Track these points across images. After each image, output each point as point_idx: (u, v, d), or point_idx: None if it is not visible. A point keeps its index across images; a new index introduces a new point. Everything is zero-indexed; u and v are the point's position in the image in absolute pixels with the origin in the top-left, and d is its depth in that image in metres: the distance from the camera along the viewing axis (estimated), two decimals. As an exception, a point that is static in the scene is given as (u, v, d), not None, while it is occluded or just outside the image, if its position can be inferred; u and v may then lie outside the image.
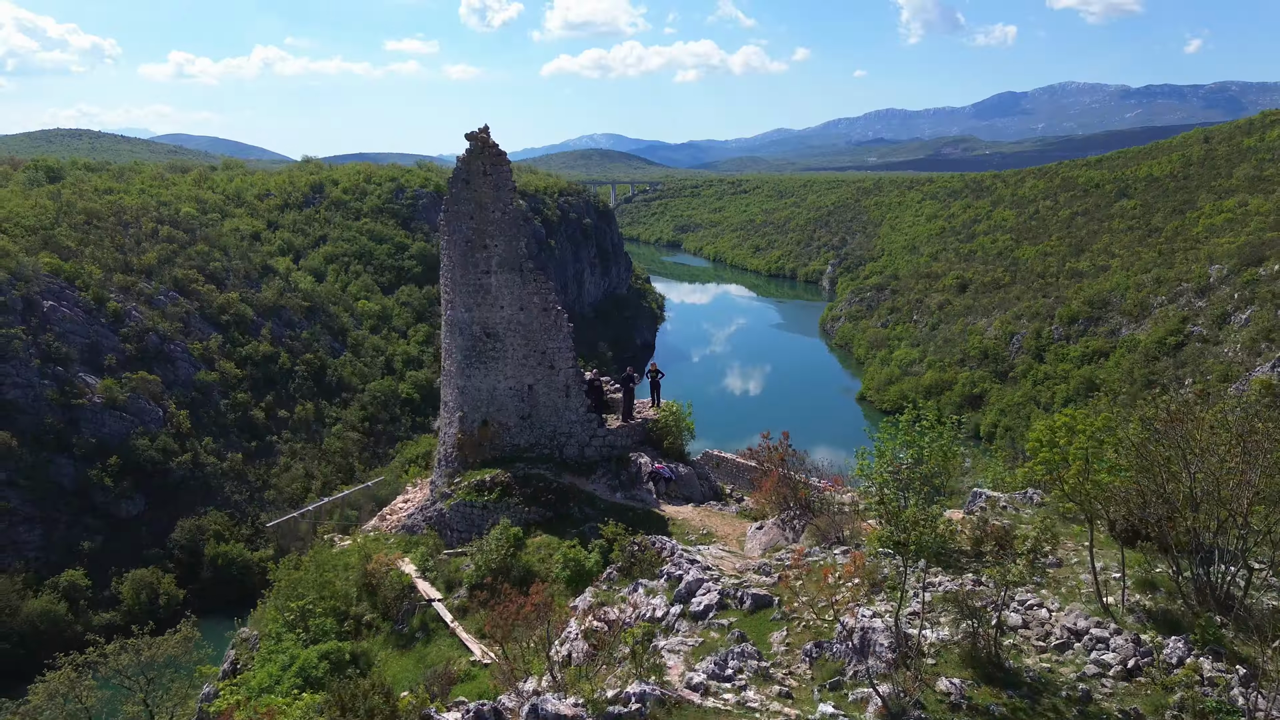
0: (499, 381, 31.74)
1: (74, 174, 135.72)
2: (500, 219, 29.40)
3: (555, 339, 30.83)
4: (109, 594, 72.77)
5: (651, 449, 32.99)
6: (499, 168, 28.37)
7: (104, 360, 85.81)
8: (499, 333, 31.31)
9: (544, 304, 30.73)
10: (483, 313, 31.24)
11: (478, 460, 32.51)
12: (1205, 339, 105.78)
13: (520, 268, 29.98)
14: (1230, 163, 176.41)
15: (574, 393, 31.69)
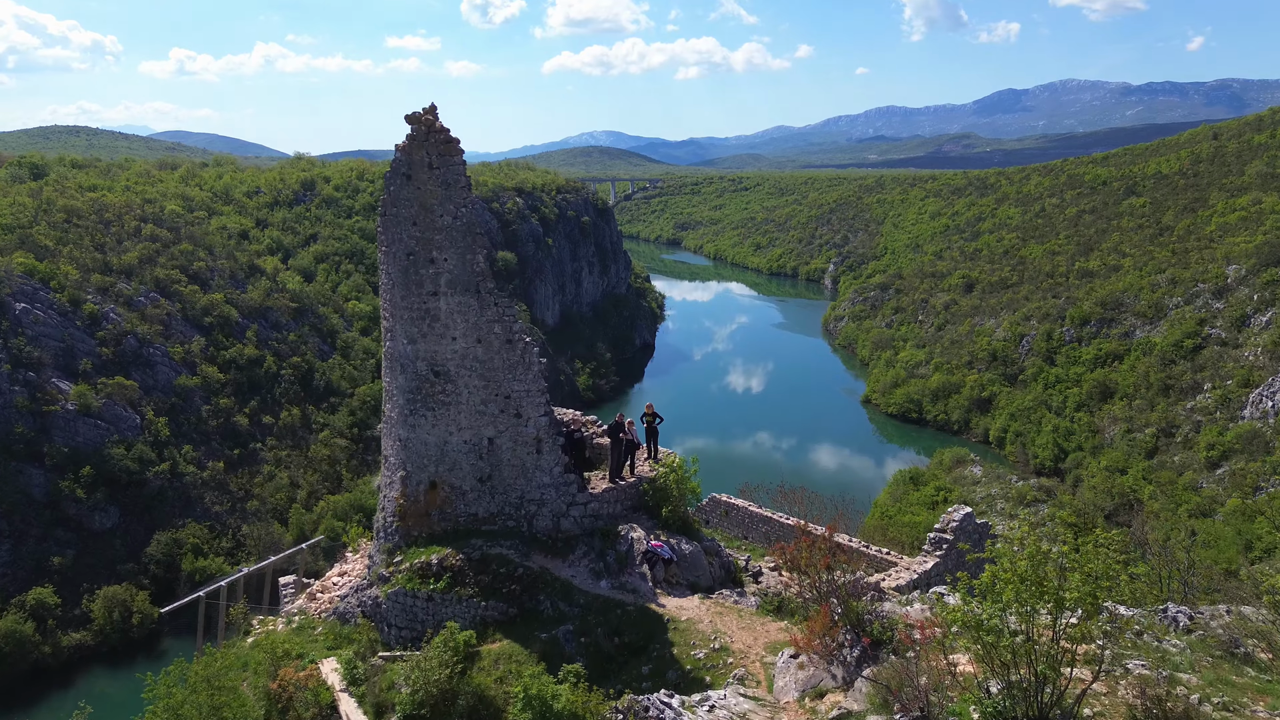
0: (450, 433, 24.92)
1: (58, 170, 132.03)
2: (451, 225, 23.08)
3: (522, 379, 24.31)
4: (79, 612, 69.18)
5: (647, 518, 26.21)
6: (449, 159, 22.34)
7: (79, 365, 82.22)
8: (450, 371, 24.62)
9: (507, 334, 24.18)
10: (429, 345, 24.50)
11: (424, 533, 25.92)
12: (1224, 342, 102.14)
13: (477, 288, 23.61)
14: (1241, 160, 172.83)
15: (547, 447, 24.96)
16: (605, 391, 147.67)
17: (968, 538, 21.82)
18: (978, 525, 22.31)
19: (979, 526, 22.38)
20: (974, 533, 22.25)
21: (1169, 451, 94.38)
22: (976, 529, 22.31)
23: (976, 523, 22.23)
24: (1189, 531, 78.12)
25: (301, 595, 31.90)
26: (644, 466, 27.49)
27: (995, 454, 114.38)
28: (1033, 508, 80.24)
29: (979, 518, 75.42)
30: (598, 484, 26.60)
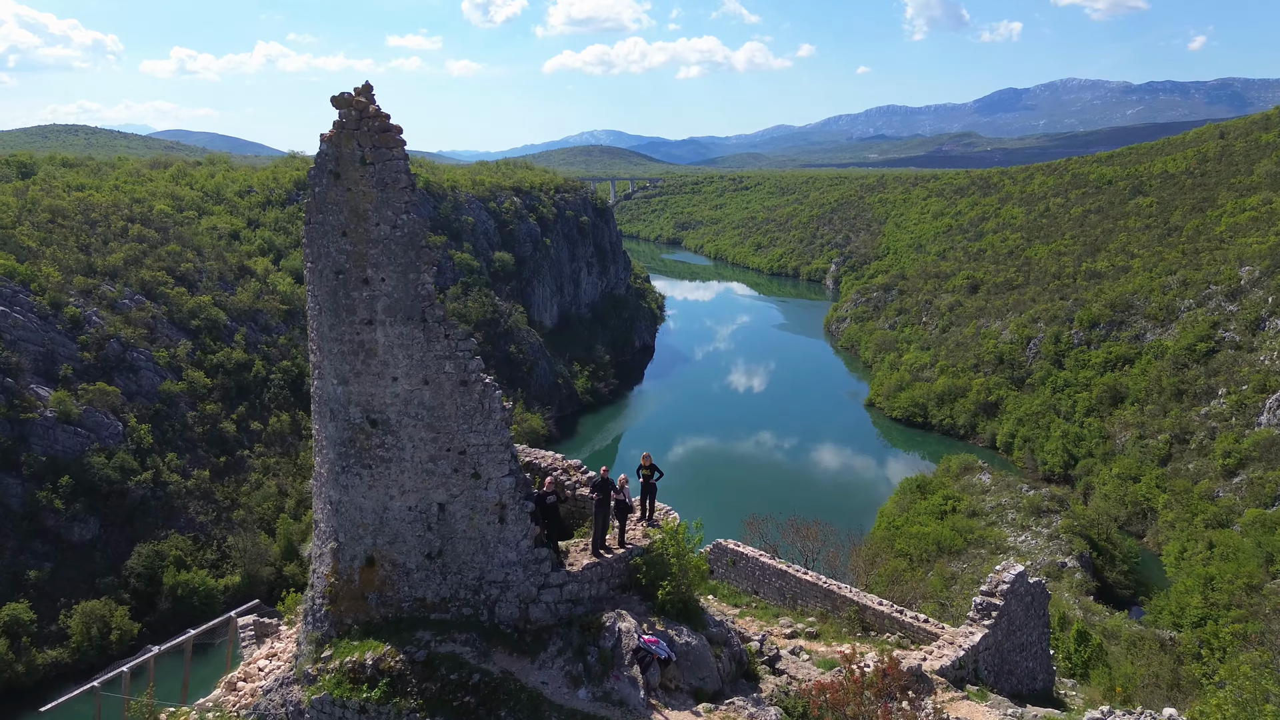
0: (391, 497, 20.04)
1: (47, 170, 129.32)
2: (389, 237, 18.45)
3: (481, 429, 19.53)
4: (56, 629, 66.50)
5: (639, 600, 21.30)
6: (386, 152, 17.95)
7: (59, 370, 79.51)
8: (390, 420, 19.70)
9: (461, 373, 19.35)
10: (364, 386, 19.59)
11: (359, 620, 20.81)
12: (1239, 345, 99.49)
13: (422, 315, 19.04)
14: (1249, 159, 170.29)
15: (512, 515, 20.04)
16: (604, 395, 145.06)
17: (1020, 601, 18.92)
18: (1031, 585, 19.31)
19: (1033, 587, 19.36)
20: (1026, 594, 19.28)
21: (1183, 459, 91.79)
22: (1030, 590, 19.32)
23: (1029, 582, 19.30)
24: (1207, 544, 75.69)
25: (219, 685, 25.81)
26: (637, 530, 22.67)
27: (1003, 460, 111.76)
28: (1045, 518, 77.66)
29: (989, 525, 71.88)
30: (577, 558, 21.46)
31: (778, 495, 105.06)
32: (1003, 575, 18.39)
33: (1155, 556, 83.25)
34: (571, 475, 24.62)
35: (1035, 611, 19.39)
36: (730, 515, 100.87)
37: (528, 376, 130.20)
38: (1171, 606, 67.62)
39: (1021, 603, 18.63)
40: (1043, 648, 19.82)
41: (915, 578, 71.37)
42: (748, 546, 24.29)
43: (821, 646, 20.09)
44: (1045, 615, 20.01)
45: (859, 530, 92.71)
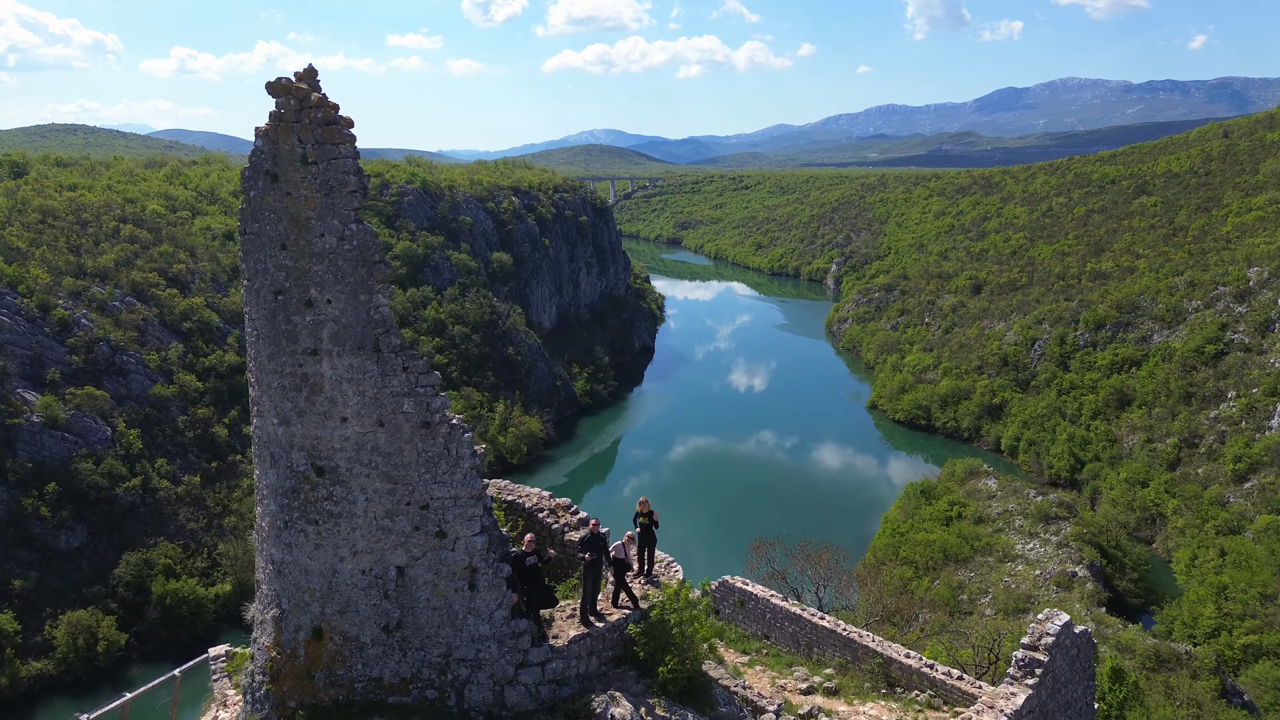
0: (342, 558, 17.05)
1: (39, 169, 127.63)
2: (336, 250, 15.59)
3: (447, 480, 16.57)
4: (41, 640, 64.92)
5: (636, 677, 18.36)
6: (332, 149, 15.16)
7: (46, 374, 77.91)
8: (339, 467, 16.63)
9: (423, 413, 16.32)
10: (308, 428, 16.57)
11: (304, 702, 17.71)
12: (1248, 348, 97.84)
13: (376, 344, 16.04)
14: (1254, 158, 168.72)
15: (485, 581, 17.16)
16: (604, 397, 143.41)
17: (1065, 654, 17.11)
18: (1077, 636, 17.47)
19: (1079, 638, 17.52)
20: (1072, 646, 17.45)
21: (1192, 463, 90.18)
22: (1075, 641, 17.49)
23: (1075, 633, 17.50)
24: (1219, 551, 74.14)
25: None
26: (634, 588, 19.60)
27: (1007, 463, 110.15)
28: (1053, 525, 76.03)
29: (995, 532, 70.28)
30: (563, 628, 18.24)
31: (780, 500, 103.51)
32: (1046, 627, 16.64)
33: (1165, 563, 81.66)
34: (560, 517, 21.70)
35: (1081, 665, 17.65)
36: (731, 519, 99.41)
37: (526, 378, 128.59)
38: (1184, 616, 66.04)
39: (1067, 656, 16.84)
40: (1087, 703, 18.11)
41: (921, 586, 69.83)
42: (757, 585, 22.04)
43: (842, 706, 18.06)
44: (1091, 668, 18.33)
45: (863, 536, 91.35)
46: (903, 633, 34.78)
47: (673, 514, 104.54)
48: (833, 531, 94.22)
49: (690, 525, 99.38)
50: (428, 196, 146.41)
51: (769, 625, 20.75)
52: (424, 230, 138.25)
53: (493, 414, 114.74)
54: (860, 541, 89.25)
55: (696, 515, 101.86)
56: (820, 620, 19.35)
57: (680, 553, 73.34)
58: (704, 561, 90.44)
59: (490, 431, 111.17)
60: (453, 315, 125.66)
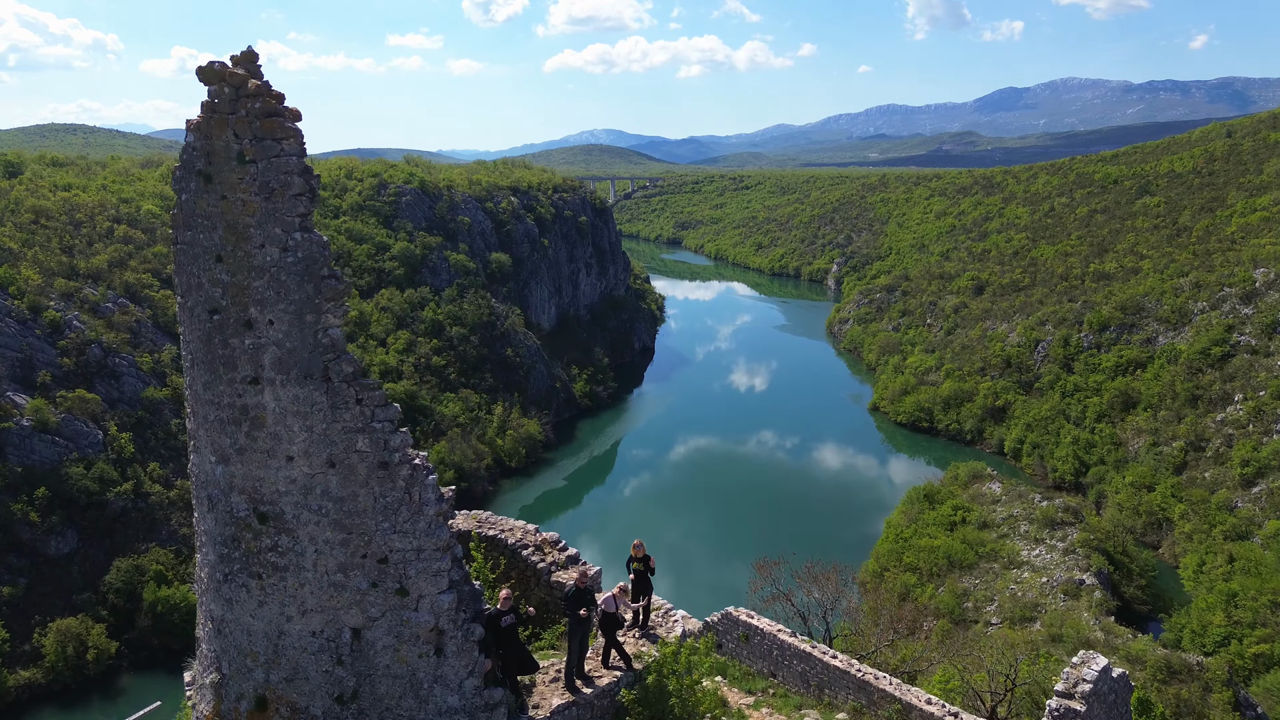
0: (289, 618, 14.94)
1: (34, 169, 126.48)
2: (279, 263, 13.60)
3: (409, 529, 14.57)
4: (29, 648, 63.81)
5: None
6: (273, 145, 13.18)
7: (36, 377, 76.77)
8: (285, 514, 14.51)
9: (381, 451, 14.28)
10: (249, 467, 14.51)
11: None
12: (1255, 350, 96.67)
13: (325, 372, 13.95)
14: (1258, 158, 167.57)
15: (454, 645, 15.13)
16: (603, 398, 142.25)
17: (1103, 702, 15.88)
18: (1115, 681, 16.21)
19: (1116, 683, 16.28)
20: (1110, 693, 16.22)
21: (1199, 467, 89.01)
22: (1114, 687, 16.25)
23: (1113, 677, 16.27)
24: (1227, 557, 73.01)
25: None
26: (627, 643, 17.42)
27: (1011, 466, 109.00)
28: (1059, 530, 74.86)
29: (1000, 537, 69.16)
30: (546, 694, 16.13)
31: (782, 503, 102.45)
32: (1083, 672, 15.44)
33: (1172, 569, 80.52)
34: (546, 554, 19.31)
35: (1118, 711, 16.48)
36: (732, 522, 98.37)
37: (525, 380, 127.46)
38: (1193, 624, 64.87)
39: (1104, 704, 15.67)
40: (1124, 751, 17.07)
41: (926, 594, 68.72)
42: (763, 619, 20.52)
43: (857, 757, 16.94)
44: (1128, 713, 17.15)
45: (866, 539, 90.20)
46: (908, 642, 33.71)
47: (673, 516, 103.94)
48: (835, 535, 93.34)
49: (691, 527, 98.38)
50: (426, 196, 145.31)
51: (776, 663, 19.37)
52: (422, 231, 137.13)
53: (491, 416, 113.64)
54: (863, 545, 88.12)
55: (697, 517, 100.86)
56: (832, 660, 18.10)
57: (681, 555, 72.46)
58: (704, 563, 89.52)
59: (488, 434, 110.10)
60: (451, 316, 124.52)
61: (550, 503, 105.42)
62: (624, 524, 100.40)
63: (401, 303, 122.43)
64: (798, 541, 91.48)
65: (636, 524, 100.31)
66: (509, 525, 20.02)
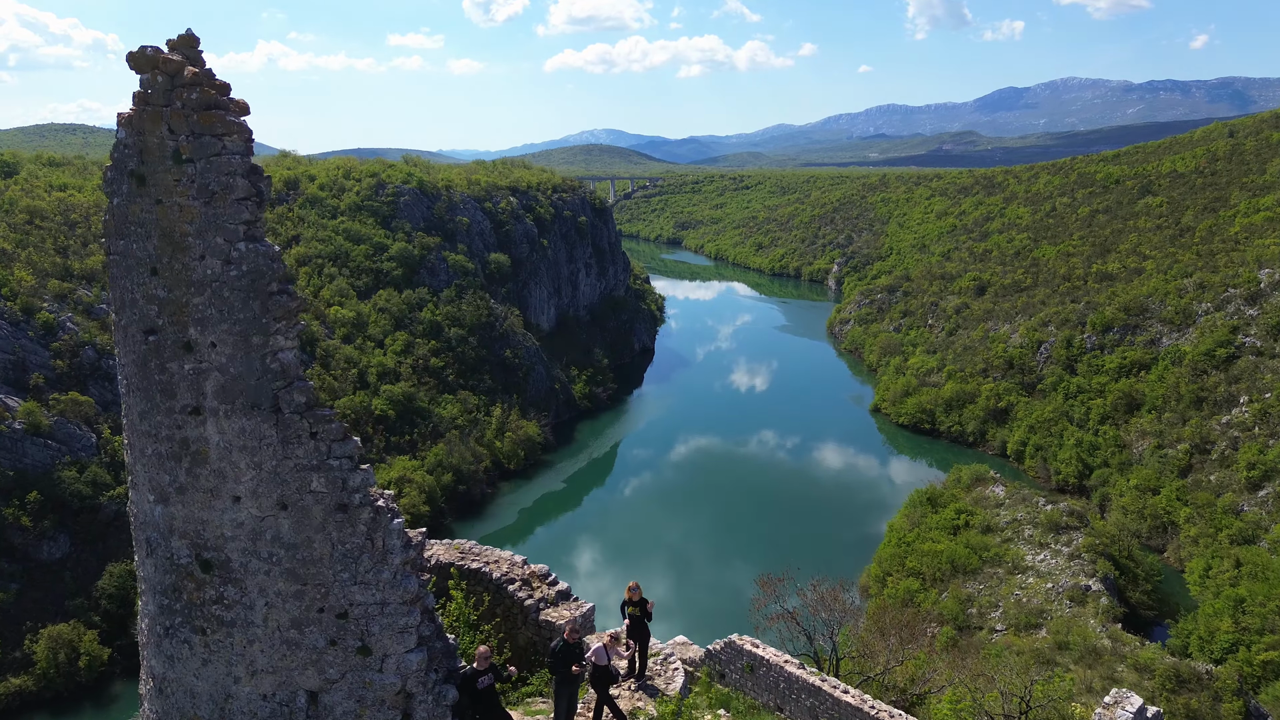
0: (237, 679, 13.31)
1: (30, 169, 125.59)
2: (221, 277, 12.03)
3: (372, 580, 12.93)
4: (20, 654, 62.95)
5: None
6: (213, 142, 11.63)
7: (29, 379, 75.90)
8: (231, 562, 12.93)
9: (338, 492, 12.63)
10: (191, 508, 12.87)
11: None
12: (1260, 351, 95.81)
13: (275, 402, 12.35)
14: (1261, 158, 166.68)
15: (424, 710, 13.51)
16: (603, 400, 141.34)
17: None
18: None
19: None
20: None
21: (1204, 470, 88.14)
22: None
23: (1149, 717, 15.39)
24: (1234, 561, 72.14)
25: None
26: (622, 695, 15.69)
27: (1014, 469, 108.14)
28: (1064, 535, 73.97)
29: (1004, 542, 68.36)
30: None
31: (783, 505, 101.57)
32: (1117, 715, 14.59)
33: (1178, 573, 79.60)
34: (534, 588, 17.72)
35: None
36: (733, 524, 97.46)
37: (524, 381, 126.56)
38: (1200, 631, 63.97)
39: None
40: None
41: (929, 599, 67.86)
42: (769, 648, 19.23)
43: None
44: None
45: (868, 542, 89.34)
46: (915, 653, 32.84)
47: (674, 518, 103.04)
48: (837, 538, 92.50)
49: (691, 529, 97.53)
50: (424, 197, 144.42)
51: (783, 696, 18.19)
52: (420, 231, 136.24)
53: (489, 418, 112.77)
54: (865, 548, 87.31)
55: (698, 519, 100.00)
56: (844, 695, 17.09)
57: (681, 558, 71.45)
58: (705, 567, 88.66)
59: (487, 436, 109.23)
60: (449, 317, 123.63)
61: (549, 505, 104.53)
62: (624, 526, 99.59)
63: (399, 304, 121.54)
64: (800, 545, 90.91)
65: (637, 525, 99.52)
66: (494, 557, 18.55)
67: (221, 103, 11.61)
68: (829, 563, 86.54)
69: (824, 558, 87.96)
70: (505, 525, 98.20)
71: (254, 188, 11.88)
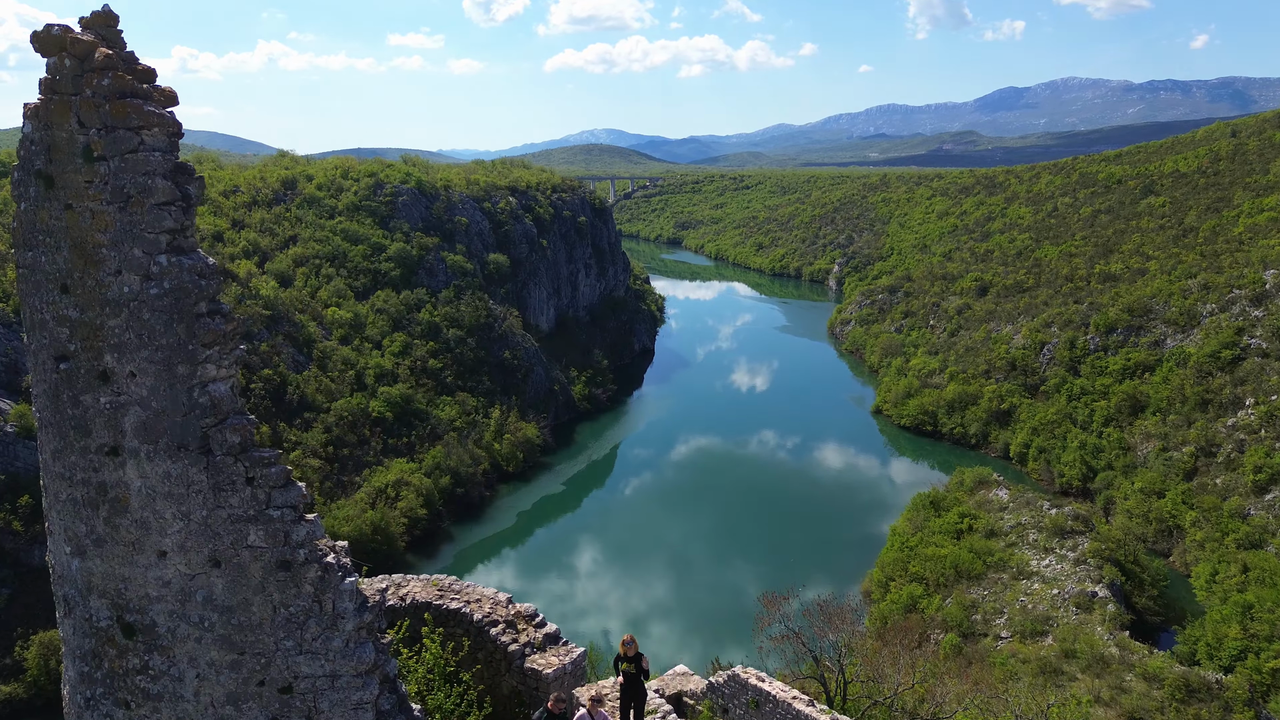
0: None
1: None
2: (139, 296, 10.31)
3: (320, 649, 11.25)
4: (11, 661, 62.02)
5: None
6: (129, 138, 9.85)
7: (21, 381, 74.90)
8: (157, 625, 11.17)
9: (280, 547, 10.95)
10: (110, 564, 11.15)
11: None
12: (1266, 353, 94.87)
13: (204, 442, 10.68)
14: (1264, 157, 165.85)
15: None
16: (602, 401, 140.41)
17: None
18: None
19: None
20: None
21: (1210, 473, 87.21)
22: None
23: None
24: (1241, 566, 71.25)
25: None
26: None
27: (1017, 471, 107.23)
28: (1069, 539, 73.05)
29: (1009, 546, 67.74)
30: None
31: (784, 508, 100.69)
32: None
33: (1183, 578, 78.68)
34: (519, 631, 15.96)
35: None
36: (734, 527, 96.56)
37: (523, 383, 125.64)
38: (1208, 637, 63.06)
39: None
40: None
41: (932, 605, 66.98)
42: (776, 683, 17.97)
43: None
44: None
45: (869, 544, 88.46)
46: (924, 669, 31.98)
47: (674, 520, 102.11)
48: (839, 541, 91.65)
49: (692, 531, 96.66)
50: (423, 197, 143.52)
51: None
52: (418, 231, 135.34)
53: (488, 420, 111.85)
54: (866, 550, 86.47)
55: (698, 521, 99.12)
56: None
57: (682, 559, 70.42)
58: (705, 568, 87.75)
59: (485, 438, 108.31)
60: (447, 318, 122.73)
61: (549, 508, 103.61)
62: (624, 528, 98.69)
63: (397, 304, 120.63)
64: (801, 547, 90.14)
65: (637, 526, 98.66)
66: (476, 595, 16.92)
67: (140, 90, 9.93)
68: (830, 565, 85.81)
69: (825, 560, 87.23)
70: (504, 528, 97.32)
71: (179, 190, 10.26)
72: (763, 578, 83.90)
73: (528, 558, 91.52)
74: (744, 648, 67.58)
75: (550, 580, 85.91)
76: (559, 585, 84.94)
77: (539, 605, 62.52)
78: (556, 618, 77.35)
